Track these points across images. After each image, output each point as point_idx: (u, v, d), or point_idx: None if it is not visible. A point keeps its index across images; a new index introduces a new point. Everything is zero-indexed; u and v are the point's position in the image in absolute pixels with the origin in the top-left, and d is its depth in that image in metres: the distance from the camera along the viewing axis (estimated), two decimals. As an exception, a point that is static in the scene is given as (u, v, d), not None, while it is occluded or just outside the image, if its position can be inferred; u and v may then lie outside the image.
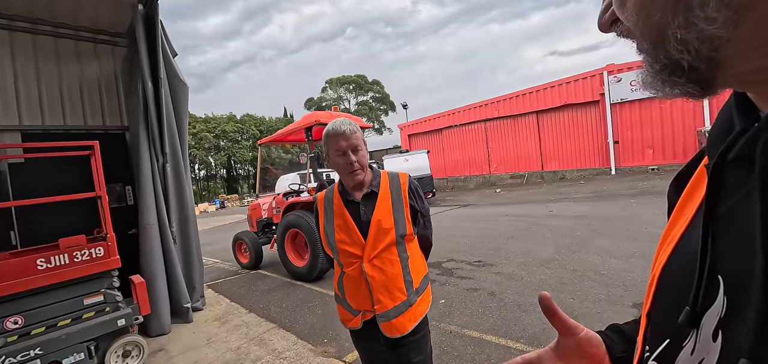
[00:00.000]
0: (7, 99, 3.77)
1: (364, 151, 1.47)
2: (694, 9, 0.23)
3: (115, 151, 4.41)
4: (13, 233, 3.75)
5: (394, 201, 1.54)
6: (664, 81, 0.29)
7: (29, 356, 2.65)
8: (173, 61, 4.20)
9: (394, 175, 1.61)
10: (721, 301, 0.29)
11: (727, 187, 0.31)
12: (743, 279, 0.26)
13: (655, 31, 0.27)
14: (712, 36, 0.23)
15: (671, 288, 0.37)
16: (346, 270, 1.55)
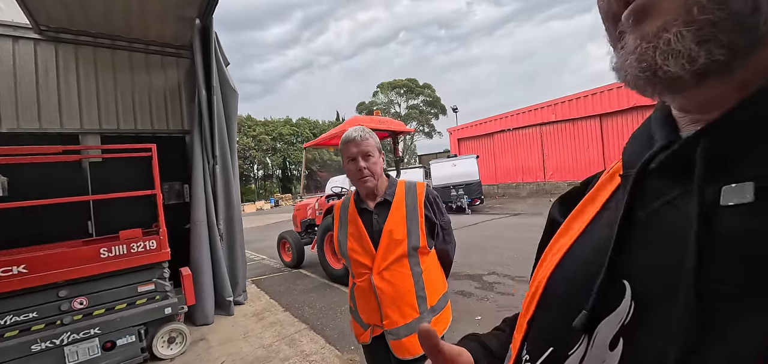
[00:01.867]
0: (90, 106, 4.35)
1: (376, 158, 1.43)
2: None
3: (176, 152, 4.87)
4: (90, 222, 4.30)
5: (408, 210, 1.46)
6: (704, 40, 0.25)
7: (89, 335, 2.99)
8: (226, 70, 4.52)
9: (411, 185, 1.54)
10: (626, 306, 0.29)
11: (647, 194, 0.32)
12: (665, 283, 0.26)
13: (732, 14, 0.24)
14: None
15: (559, 296, 0.37)
16: (356, 281, 1.50)
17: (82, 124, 4.27)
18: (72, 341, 2.94)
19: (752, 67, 0.26)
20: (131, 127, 4.68)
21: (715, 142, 0.27)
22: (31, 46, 3.96)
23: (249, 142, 44.13)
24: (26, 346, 2.76)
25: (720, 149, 0.27)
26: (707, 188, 0.27)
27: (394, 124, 6.25)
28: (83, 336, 2.98)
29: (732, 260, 0.24)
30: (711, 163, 0.27)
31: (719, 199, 0.26)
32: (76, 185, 4.17)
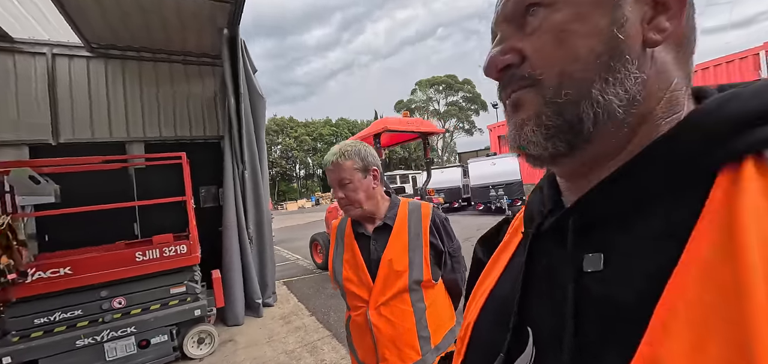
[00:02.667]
0: (135, 116, 4.68)
1: (355, 184, 1.23)
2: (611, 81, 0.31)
3: (213, 157, 5.09)
4: (136, 224, 4.63)
5: (411, 238, 1.27)
6: (550, 136, 0.34)
7: (127, 333, 3.18)
8: (253, 77, 4.63)
9: (415, 207, 1.34)
10: (530, 350, 0.35)
11: (541, 253, 0.38)
12: (553, 333, 0.33)
13: (578, 85, 0.32)
14: (614, 108, 0.31)
15: (483, 339, 0.43)
16: (352, 314, 1.34)
17: (128, 133, 4.61)
18: (111, 338, 3.15)
19: (588, 153, 0.35)
20: (172, 134, 4.97)
21: (580, 219, 0.35)
22: (84, 63, 4.35)
23: (291, 143, 45.96)
24: (71, 341, 3.00)
25: (583, 224, 0.35)
26: (577, 253, 0.34)
27: (424, 125, 6.05)
28: (121, 334, 3.18)
29: (594, 317, 0.31)
30: (577, 234, 0.35)
31: (584, 265, 0.33)
32: (123, 190, 4.50)
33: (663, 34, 0.32)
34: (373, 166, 1.29)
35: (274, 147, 46.44)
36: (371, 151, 1.31)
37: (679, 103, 0.33)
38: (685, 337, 0.24)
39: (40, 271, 2.88)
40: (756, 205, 0.25)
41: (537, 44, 0.35)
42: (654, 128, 0.33)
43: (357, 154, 1.25)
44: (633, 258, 0.30)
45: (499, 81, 0.38)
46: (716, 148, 0.28)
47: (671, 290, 0.26)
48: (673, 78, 0.33)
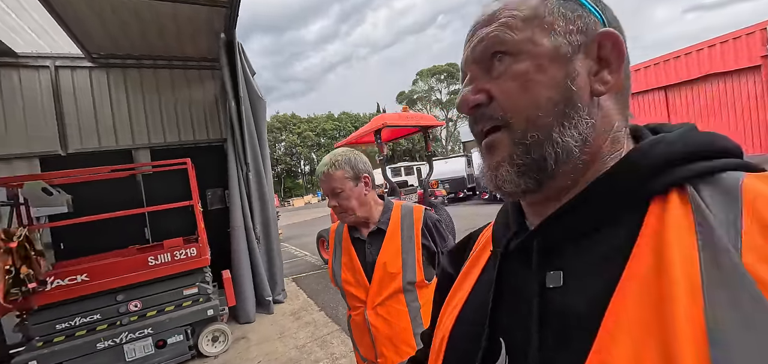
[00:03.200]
0: (139, 123, 4.77)
1: (347, 192, 1.27)
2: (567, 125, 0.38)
3: (217, 160, 5.17)
4: (146, 229, 4.75)
5: (404, 241, 1.32)
6: (521, 174, 0.39)
7: (144, 334, 3.31)
8: (252, 80, 4.68)
9: (408, 210, 1.39)
10: (503, 359, 0.39)
11: (509, 271, 0.43)
12: (523, 343, 0.37)
13: (542, 129, 0.38)
14: (571, 148, 0.37)
15: (458, 349, 0.46)
16: (352, 314, 1.42)
17: (133, 140, 4.71)
18: (129, 340, 3.27)
19: (553, 187, 0.40)
20: (176, 140, 5.06)
21: (542, 241, 0.40)
22: (87, 74, 4.43)
23: (294, 139, 46.02)
24: (92, 344, 3.13)
25: (545, 246, 0.40)
26: (540, 271, 0.39)
27: (424, 118, 6.08)
28: (139, 335, 3.30)
29: (555, 327, 0.35)
30: (541, 255, 0.39)
31: (546, 282, 0.38)
32: (132, 196, 4.61)
33: (606, 86, 0.39)
34: (364, 173, 1.33)
35: (278, 144, 46.57)
36: (362, 159, 1.35)
37: (620, 142, 0.40)
38: (628, 344, 0.29)
39: (58, 279, 3.00)
40: (679, 228, 0.31)
41: (503, 88, 0.40)
42: (601, 164, 0.39)
43: (347, 163, 1.29)
44: (586, 275, 0.35)
45: (471, 116, 0.43)
46: (649, 183, 0.34)
47: (615, 303, 0.31)
48: (615, 122, 0.39)
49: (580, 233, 0.38)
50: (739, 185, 0.31)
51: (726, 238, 0.28)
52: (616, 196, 0.36)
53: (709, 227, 0.29)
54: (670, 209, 0.32)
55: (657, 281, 0.29)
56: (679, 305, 0.27)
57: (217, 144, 5.34)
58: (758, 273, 0.26)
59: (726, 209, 0.30)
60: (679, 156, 0.34)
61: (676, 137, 0.36)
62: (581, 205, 0.38)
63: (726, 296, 0.26)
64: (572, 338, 0.34)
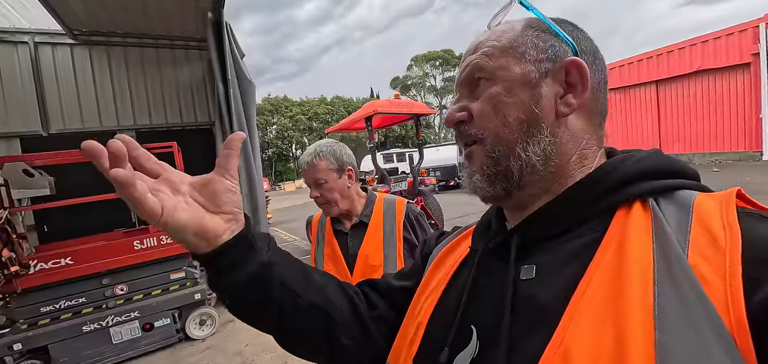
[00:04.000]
0: (124, 104, 4.66)
1: (330, 183, 1.29)
2: (530, 142, 0.43)
3: (205, 144, 5.10)
4: (133, 213, 4.69)
5: (386, 234, 1.34)
6: (492, 182, 0.46)
7: (130, 317, 3.32)
8: (241, 62, 4.58)
9: (390, 203, 1.41)
10: (474, 345, 0.44)
11: (486, 266, 0.49)
12: (494, 328, 0.41)
13: (506, 145, 0.44)
14: (534, 162, 0.43)
15: (434, 337, 0.49)
16: None
17: (118, 121, 4.61)
18: (116, 323, 3.28)
19: (523, 195, 0.46)
20: (162, 122, 4.96)
21: (520, 239, 0.45)
22: (68, 51, 4.28)
23: (286, 122, 45.43)
24: (78, 327, 3.13)
25: (522, 243, 0.45)
26: (516, 265, 0.44)
27: (416, 106, 6.06)
28: (126, 319, 3.31)
29: (525, 313, 0.40)
30: (518, 250, 0.44)
31: (520, 274, 0.43)
32: (118, 178, 4.54)
33: (570, 108, 0.44)
34: (348, 165, 1.34)
35: (269, 127, 45.93)
36: (347, 151, 1.36)
37: (588, 158, 0.45)
38: (587, 329, 0.34)
39: (41, 262, 2.97)
40: (639, 233, 0.36)
41: (480, 108, 0.46)
42: (570, 176, 0.44)
43: (332, 155, 1.30)
44: (556, 269, 0.40)
45: (456, 131, 0.50)
46: (617, 193, 0.40)
47: (579, 294, 0.36)
48: (582, 140, 0.45)
49: (554, 233, 0.43)
50: (692, 201, 0.36)
51: (677, 242, 0.33)
52: (587, 202, 0.42)
53: (664, 233, 0.34)
54: (633, 217, 0.38)
55: (617, 276, 0.34)
56: (634, 296, 0.32)
57: (205, 127, 5.25)
58: (699, 269, 0.31)
59: (679, 220, 0.35)
60: (645, 173, 0.40)
61: (642, 157, 0.42)
62: (556, 209, 0.44)
63: (673, 288, 0.31)
64: (539, 323, 0.38)
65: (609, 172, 0.42)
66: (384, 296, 0.63)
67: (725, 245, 0.31)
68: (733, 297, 0.29)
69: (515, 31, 0.46)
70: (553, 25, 0.45)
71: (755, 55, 10.75)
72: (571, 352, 0.33)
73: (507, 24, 0.48)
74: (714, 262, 0.31)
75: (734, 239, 0.31)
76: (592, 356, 0.32)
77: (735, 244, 0.31)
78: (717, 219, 0.34)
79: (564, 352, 0.34)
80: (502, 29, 0.47)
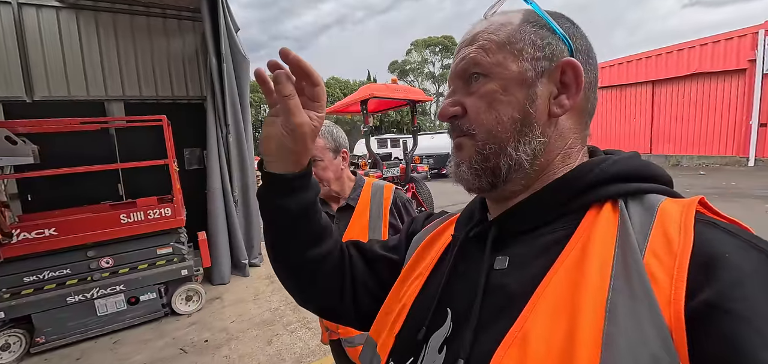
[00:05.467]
0: (113, 73, 4.53)
1: (325, 162, 1.30)
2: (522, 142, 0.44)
3: (196, 119, 4.99)
4: (120, 185, 4.63)
5: (372, 218, 1.35)
6: (478, 176, 0.47)
7: (116, 290, 3.31)
8: (236, 37, 4.47)
9: (378, 188, 1.42)
10: (448, 326, 0.46)
11: (465, 254, 0.51)
12: (466, 310, 0.44)
13: (498, 143, 0.45)
14: (523, 161, 0.44)
15: (416, 317, 0.52)
16: None
17: (106, 91, 4.48)
18: (101, 296, 3.27)
19: (506, 189, 0.47)
20: (152, 94, 4.84)
21: (497, 231, 0.47)
22: (54, 14, 4.12)
23: (281, 100, 44.69)
24: (62, 298, 3.11)
25: (498, 235, 0.47)
26: (491, 255, 0.46)
27: (412, 92, 6.00)
28: (111, 291, 3.30)
29: (493, 300, 0.42)
30: (494, 242, 0.46)
31: (494, 264, 0.45)
32: (105, 150, 4.45)
33: (563, 109, 0.44)
34: (343, 147, 1.36)
35: (263, 106, 45.21)
36: (342, 134, 1.37)
37: (572, 156, 0.46)
38: (544, 318, 0.36)
39: (25, 232, 2.93)
40: (605, 232, 0.38)
41: (475, 103, 0.46)
42: (552, 174, 0.45)
43: (330, 135, 1.31)
44: (527, 261, 0.42)
45: (449, 125, 0.50)
46: (590, 193, 0.42)
47: (543, 285, 0.38)
48: (569, 140, 0.46)
49: (529, 227, 0.45)
50: (658, 205, 0.38)
51: (636, 242, 0.35)
52: (562, 200, 0.43)
53: (627, 233, 0.36)
54: (602, 217, 0.39)
55: (578, 270, 0.36)
56: (591, 289, 0.34)
57: (196, 102, 5.15)
58: (651, 268, 0.33)
59: (643, 221, 0.37)
60: (619, 175, 0.42)
61: (619, 160, 0.43)
62: (533, 204, 0.45)
63: (626, 284, 0.33)
64: (505, 309, 0.40)
65: (586, 173, 0.43)
66: (368, 264, 0.67)
67: (677, 248, 0.33)
68: (675, 296, 0.31)
69: (513, 25, 0.45)
70: (551, 21, 0.45)
71: (752, 62, 10.83)
72: (529, 337, 0.36)
73: (504, 15, 0.47)
74: (665, 262, 0.33)
75: (686, 242, 0.33)
76: (547, 341, 0.34)
77: (686, 248, 0.33)
78: (675, 223, 0.35)
79: (523, 336, 0.36)
80: (500, 22, 0.46)
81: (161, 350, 3.03)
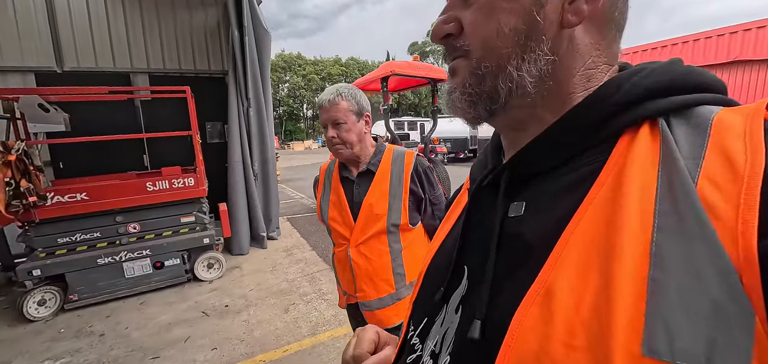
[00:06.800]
0: (138, 46, 4.61)
1: (349, 125, 1.27)
2: (525, 59, 0.36)
3: (217, 93, 5.06)
4: (145, 156, 4.78)
5: (392, 184, 1.34)
6: (473, 103, 0.40)
7: (142, 255, 3.45)
8: (258, 9, 4.46)
9: (399, 154, 1.39)
10: (464, 284, 0.42)
11: (480, 204, 0.46)
12: (481, 266, 0.39)
13: (496, 60, 0.37)
14: (526, 84, 0.36)
15: (432, 279, 0.49)
16: (335, 250, 1.48)
17: (131, 63, 4.58)
18: (129, 259, 3.42)
19: (506, 119, 0.41)
20: (176, 67, 4.92)
21: (510, 174, 0.41)
22: (81, -14, 4.20)
23: (299, 81, 44.87)
24: (93, 259, 3.27)
25: (512, 178, 0.41)
26: (505, 202, 0.40)
27: (434, 70, 5.87)
28: (137, 255, 3.45)
29: (509, 252, 0.37)
30: (507, 187, 0.41)
31: (508, 211, 0.40)
32: (130, 121, 4.59)
33: (579, 16, 0.35)
34: (366, 111, 1.34)
35: (282, 85, 45.48)
36: (365, 97, 1.34)
37: (595, 78, 0.37)
38: (574, 265, 0.30)
39: (58, 195, 3.07)
40: (643, 161, 0.31)
41: (472, 16, 0.38)
42: (569, 100, 0.37)
43: (353, 97, 1.28)
44: (546, 206, 0.36)
45: (444, 48, 0.42)
46: (619, 116, 0.34)
47: (568, 231, 0.32)
48: (589, 57, 0.37)
49: (547, 167, 0.38)
50: (711, 119, 0.31)
51: (685, 169, 0.28)
52: (585, 129, 0.36)
53: (672, 158, 0.30)
54: (638, 142, 0.32)
55: (611, 209, 0.30)
56: (628, 230, 0.28)
57: (218, 76, 5.21)
58: (708, 197, 0.26)
59: (692, 141, 0.30)
60: (656, 89, 0.33)
61: (652, 70, 0.35)
62: (549, 139, 0.38)
63: (674, 221, 0.27)
64: (523, 263, 0.35)
65: (612, 92, 0.35)
66: None
67: (743, 169, 0.26)
68: (744, 230, 0.25)
69: None
70: None
71: (798, 46, 10.02)
72: (553, 291, 0.30)
73: None
74: (727, 189, 0.26)
75: (756, 160, 0.26)
76: (576, 295, 0.29)
77: (756, 169, 0.26)
78: (737, 139, 0.28)
79: (547, 291, 0.31)
80: None
81: (184, 313, 3.16)
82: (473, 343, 0.35)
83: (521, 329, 0.31)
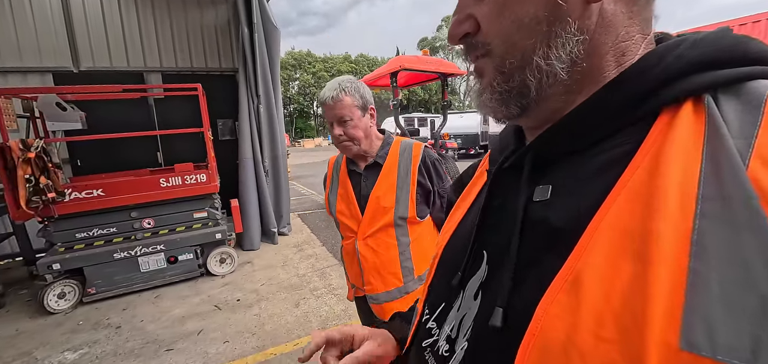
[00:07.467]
0: (151, 46, 4.69)
1: (355, 121, 1.24)
2: (553, 46, 0.33)
3: (228, 90, 5.12)
4: (158, 153, 4.87)
5: (400, 177, 1.32)
6: (504, 101, 0.37)
7: (157, 249, 3.52)
8: (267, 6, 4.48)
9: (406, 146, 1.37)
10: (483, 269, 0.41)
11: (501, 186, 0.44)
12: (502, 252, 0.38)
13: (520, 53, 0.35)
14: (557, 72, 0.34)
15: (448, 263, 0.49)
16: (343, 242, 1.47)
17: (145, 62, 4.67)
18: (143, 253, 3.50)
19: (542, 111, 0.38)
20: (187, 65, 4.99)
21: (535, 156, 0.39)
22: (96, -13, 4.29)
23: (309, 78, 45.09)
24: (110, 253, 3.35)
25: (537, 160, 0.38)
26: (530, 185, 0.38)
27: (444, 65, 5.79)
28: (152, 250, 3.52)
29: (534, 238, 0.35)
30: (532, 169, 0.38)
31: (533, 195, 0.37)
32: (144, 119, 4.67)
33: None
34: (371, 104, 1.31)
35: (292, 83, 45.79)
36: (368, 90, 1.32)
37: (630, 51, 0.34)
38: (604, 252, 0.28)
39: (76, 192, 3.15)
40: (685, 141, 0.28)
41: (486, 11, 0.36)
42: (601, 79, 0.34)
43: (356, 91, 1.25)
44: (575, 190, 0.34)
45: (464, 47, 0.40)
46: (659, 92, 0.31)
47: (598, 217, 0.30)
48: (621, 30, 0.33)
49: (576, 148, 0.35)
50: (766, 94, 0.27)
51: (735, 149, 0.26)
52: (619, 107, 0.33)
53: (720, 137, 0.27)
54: (680, 121, 0.29)
55: (648, 192, 0.27)
56: (666, 216, 0.26)
57: (229, 73, 5.26)
58: (760, 182, 0.24)
59: (743, 119, 0.27)
60: (699, 62, 0.30)
61: (698, 40, 0.31)
62: (579, 119, 0.35)
63: (719, 207, 0.24)
64: (549, 249, 0.33)
65: (651, 66, 0.32)
66: None
67: None
68: None
69: None
70: None
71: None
72: (581, 280, 0.28)
73: None
74: None
75: None
76: (606, 285, 0.27)
77: None
78: None
79: (574, 279, 0.29)
80: None
81: (198, 306, 3.22)
82: (494, 331, 0.34)
83: (547, 318, 0.30)
